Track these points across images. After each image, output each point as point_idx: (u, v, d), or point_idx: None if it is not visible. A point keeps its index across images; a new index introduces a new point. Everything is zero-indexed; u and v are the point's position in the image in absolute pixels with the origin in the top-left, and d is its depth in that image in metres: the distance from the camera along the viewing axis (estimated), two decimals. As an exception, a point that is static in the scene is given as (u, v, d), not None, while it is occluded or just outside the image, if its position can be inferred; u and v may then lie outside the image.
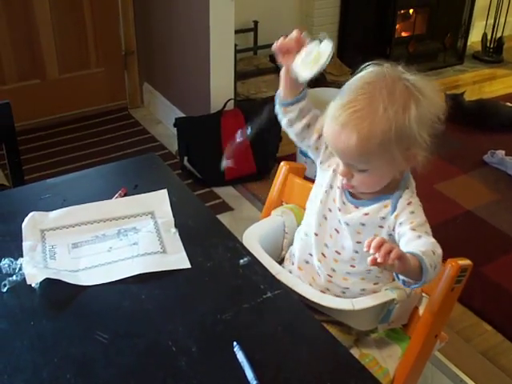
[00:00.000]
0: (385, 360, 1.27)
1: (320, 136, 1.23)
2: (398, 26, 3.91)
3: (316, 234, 1.27)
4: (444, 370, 1.87)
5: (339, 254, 1.24)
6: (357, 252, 1.21)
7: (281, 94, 1.23)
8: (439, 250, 1.07)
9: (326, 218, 1.25)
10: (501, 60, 4.30)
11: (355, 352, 1.26)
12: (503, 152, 2.98)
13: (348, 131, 1.07)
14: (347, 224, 1.20)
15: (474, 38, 4.40)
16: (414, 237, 1.09)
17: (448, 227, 2.52)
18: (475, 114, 3.33)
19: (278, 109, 1.25)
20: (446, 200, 2.71)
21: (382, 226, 1.17)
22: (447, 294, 1.18)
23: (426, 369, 1.36)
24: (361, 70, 1.13)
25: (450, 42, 4.15)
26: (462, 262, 1.16)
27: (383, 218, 1.17)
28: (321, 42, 1.12)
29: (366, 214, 1.18)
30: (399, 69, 1.11)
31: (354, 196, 1.20)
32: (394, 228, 1.15)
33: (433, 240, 1.09)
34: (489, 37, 4.29)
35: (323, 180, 1.25)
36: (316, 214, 1.26)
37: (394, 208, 1.15)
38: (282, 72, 1.20)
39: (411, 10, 4.00)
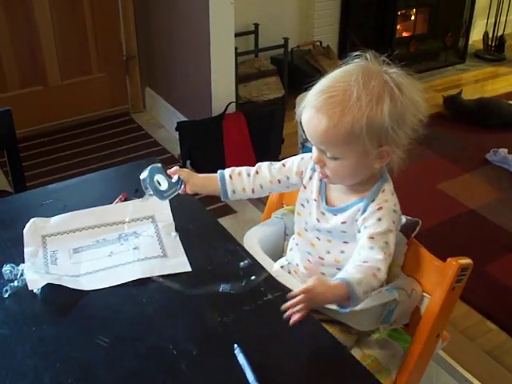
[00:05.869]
0: (387, 360, 1.27)
1: (271, 181, 1.27)
2: (398, 27, 3.91)
3: (297, 244, 1.29)
4: (449, 369, 1.86)
5: (323, 259, 1.24)
6: (343, 252, 1.22)
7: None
8: (381, 274, 1.08)
9: (306, 230, 1.26)
10: (503, 58, 4.29)
11: (357, 352, 1.26)
12: (506, 150, 2.97)
13: (320, 115, 1.07)
14: (330, 232, 1.21)
15: (476, 36, 4.39)
16: (366, 246, 1.10)
17: (451, 226, 2.52)
18: (476, 112, 3.33)
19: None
20: (449, 199, 2.70)
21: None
22: (448, 293, 1.17)
23: (430, 368, 1.36)
24: (347, 61, 1.14)
25: (451, 41, 4.15)
26: (462, 261, 1.15)
27: (357, 220, 1.17)
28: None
29: (344, 223, 1.18)
30: (381, 61, 1.12)
31: (331, 204, 1.21)
32: (359, 230, 1.16)
33: (381, 256, 1.09)
34: (490, 35, 4.28)
35: (299, 194, 1.28)
36: (295, 224, 1.30)
37: (364, 210, 1.15)
38: None
39: (412, 10, 4.00)
